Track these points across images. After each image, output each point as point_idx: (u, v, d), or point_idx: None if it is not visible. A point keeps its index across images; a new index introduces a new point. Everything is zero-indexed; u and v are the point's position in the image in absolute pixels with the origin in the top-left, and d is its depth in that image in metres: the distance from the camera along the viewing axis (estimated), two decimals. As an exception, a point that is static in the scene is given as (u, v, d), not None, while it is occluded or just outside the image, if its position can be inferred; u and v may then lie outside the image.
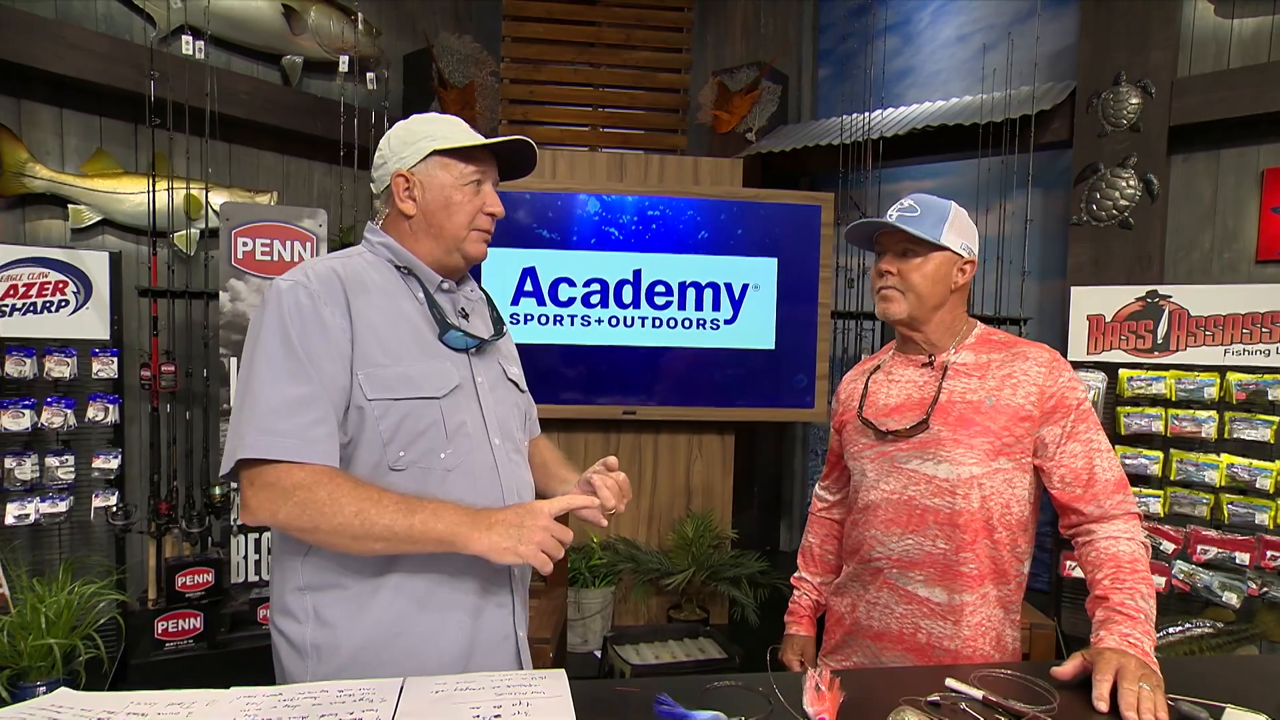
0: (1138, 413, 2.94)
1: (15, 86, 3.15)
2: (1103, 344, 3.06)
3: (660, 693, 0.97)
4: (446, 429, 1.17)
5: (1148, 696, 1.02)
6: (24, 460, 2.65)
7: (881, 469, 1.43)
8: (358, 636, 1.13)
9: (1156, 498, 2.90)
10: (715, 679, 1.10)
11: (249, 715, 0.96)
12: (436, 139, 1.21)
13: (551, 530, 1.08)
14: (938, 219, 1.38)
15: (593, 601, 3.11)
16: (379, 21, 4.19)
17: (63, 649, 2.50)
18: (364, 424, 1.13)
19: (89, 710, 0.97)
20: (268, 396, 1.07)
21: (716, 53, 4.81)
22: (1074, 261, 3.43)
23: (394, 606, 1.14)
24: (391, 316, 1.18)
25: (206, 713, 0.97)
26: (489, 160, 1.27)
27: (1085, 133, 3.40)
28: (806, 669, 1.03)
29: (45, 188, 3.18)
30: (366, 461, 1.14)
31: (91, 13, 3.35)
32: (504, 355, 1.36)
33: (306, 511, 1.04)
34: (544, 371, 3.20)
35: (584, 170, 3.38)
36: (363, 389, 1.12)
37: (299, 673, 1.15)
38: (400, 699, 1.01)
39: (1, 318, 2.65)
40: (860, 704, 1.03)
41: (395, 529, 1.05)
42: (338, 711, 0.97)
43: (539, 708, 0.99)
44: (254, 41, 3.73)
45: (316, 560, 1.14)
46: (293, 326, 1.09)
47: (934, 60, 4.21)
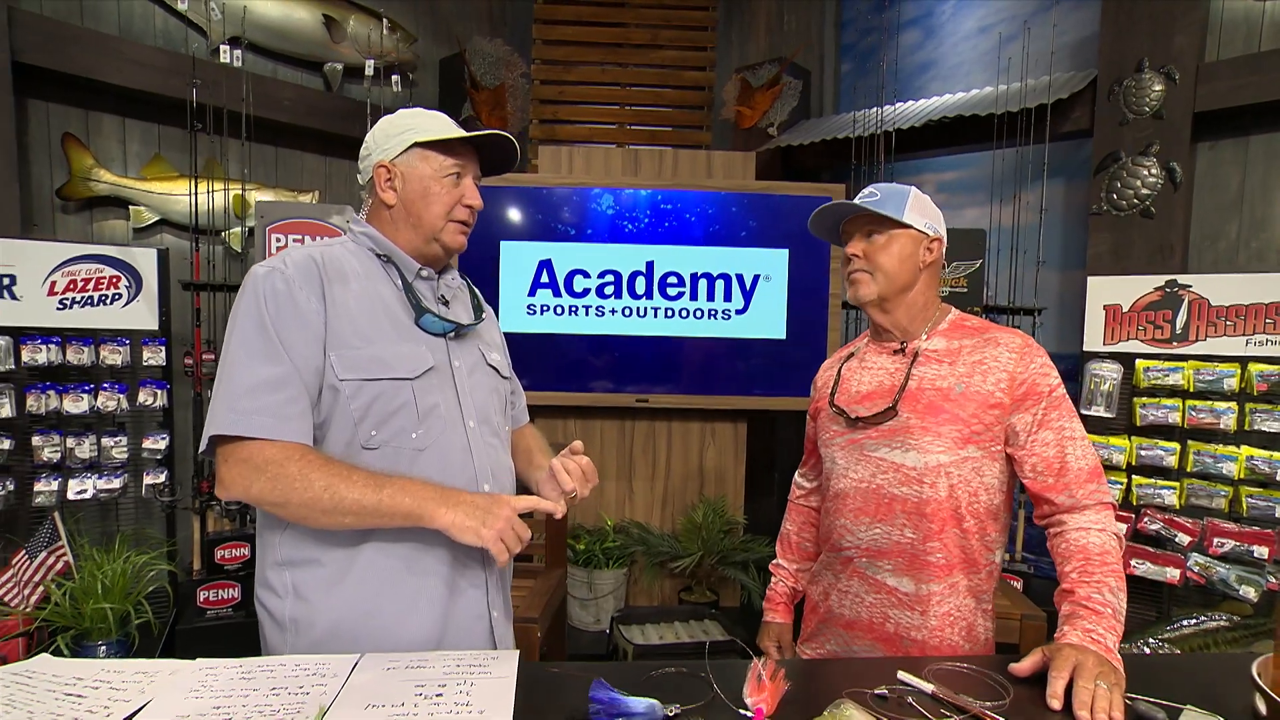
0: (1154, 404, 2.77)
1: (84, 98, 3.27)
2: (1119, 334, 2.89)
3: (599, 677, 0.94)
4: (419, 410, 1.16)
5: (1103, 695, 0.94)
6: (83, 440, 2.76)
7: (851, 457, 1.37)
8: (332, 612, 1.13)
9: (1172, 489, 2.73)
10: (695, 662, 1.07)
11: (206, 686, 0.96)
12: (418, 131, 1.21)
13: (514, 524, 1.07)
14: (899, 201, 1.33)
15: (605, 582, 3.09)
16: (415, 28, 4.22)
17: (117, 613, 2.60)
18: (336, 403, 1.12)
19: (59, 676, 0.98)
20: (242, 377, 1.07)
21: (741, 50, 4.71)
22: (1093, 251, 3.24)
23: (366, 584, 1.14)
24: (367, 302, 1.17)
25: (169, 682, 0.98)
26: (470, 154, 1.26)
27: (1106, 121, 3.20)
28: (750, 659, 0.98)
29: (109, 191, 3.29)
30: (339, 440, 1.13)
31: (151, 29, 3.46)
32: (485, 341, 1.34)
33: (278, 486, 1.04)
34: (559, 360, 3.19)
35: (599, 165, 3.35)
36: (334, 369, 1.11)
37: (279, 645, 1.15)
38: (352, 674, 1.00)
39: (63, 310, 2.75)
40: (807, 695, 0.98)
41: (364, 503, 1.04)
42: (289, 685, 0.97)
43: (481, 687, 0.97)
44: (298, 50, 3.79)
45: (294, 536, 1.14)
46: (268, 311, 1.09)
47: (956, 53, 4.03)
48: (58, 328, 2.74)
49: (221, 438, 1.06)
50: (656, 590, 3.30)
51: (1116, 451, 2.83)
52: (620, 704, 0.89)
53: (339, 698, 0.92)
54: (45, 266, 2.71)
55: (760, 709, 0.92)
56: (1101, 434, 2.89)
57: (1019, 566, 2.98)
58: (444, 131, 1.21)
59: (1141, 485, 2.79)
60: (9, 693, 0.91)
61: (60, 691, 0.92)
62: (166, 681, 0.97)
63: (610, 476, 3.34)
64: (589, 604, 3.07)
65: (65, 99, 3.22)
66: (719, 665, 1.03)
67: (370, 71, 3.42)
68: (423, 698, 0.93)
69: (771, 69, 4.28)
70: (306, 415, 1.09)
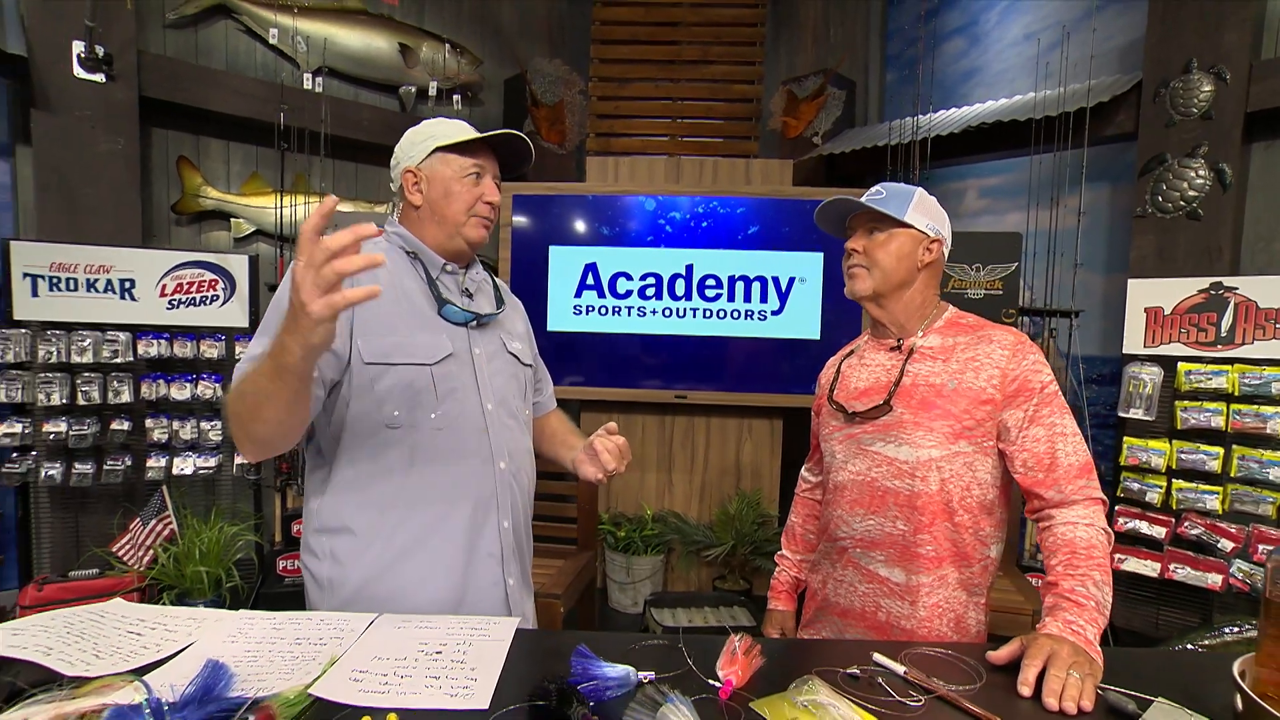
0: (1196, 407, 2.60)
1: (196, 125, 3.54)
2: (1160, 337, 2.72)
3: (581, 644, 0.96)
4: (437, 392, 1.21)
5: (1074, 684, 0.91)
6: (186, 423, 2.99)
7: (849, 450, 1.35)
8: (361, 575, 1.19)
9: (1215, 494, 2.56)
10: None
11: (243, 634, 1.04)
12: (439, 138, 1.26)
13: (318, 267, 0.86)
14: (903, 200, 1.30)
15: (642, 567, 3.11)
16: (482, 51, 4.35)
17: (212, 576, 2.80)
18: (363, 384, 1.17)
19: (126, 617, 1.08)
20: (253, 346, 1.13)
21: (789, 62, 4.66)
22: (1137, 254, 3.06)
23: (390, 552, 1.19)
24: (394, 294, 1.22)
25: (213, 628, 1.06)
26: (487, 155, 1.29)
27: (1151, 123, 3.02)
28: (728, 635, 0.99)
29: (214, 205, 3.54)
30: (366, 418, 1.18)
31: (253, 62, 3.70)
32: (506, 330, 1.38)
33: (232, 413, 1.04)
34: (603, 358, 3.23)
35: (643, 174, 3.38)
36: (360, 354, 1.17)
37: (318, 601, 1.23)
38: (367, 630, 1.06)
39: (172, 310, 2.98)
40: (781, 672, 0.97)
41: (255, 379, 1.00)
42: (311, 637, 1.04)
43: (478, 648, 1.01)
44: (376, 76, 3.98)
45: (331, 506, 1.21)
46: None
47: (1000, 59, 3.87)
48: (167, 325, 2.97)
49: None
50: (692, 577, 3.30)
51: (1156, 455, 2.66)
52: (597, 669, 0.90)
53: (350, 650, 0.98)
54: (158, 272, 2.95)
55: (730, 681, 0.92)
56: (1141, 437, 2.73)
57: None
58: (461, 135, 1.26)
59: (1182, 489, 2.62)
60: (82, 626, 1.01)
61: (124, 629, 1.01)
62: (211, 627, 1.06)
63: (651, 468, 3.37)
64: (627, 587, 3.11)
65: (180, 126, 3.50)
66: (702, 641, 1.04)
67: (433, 92, 3.56)
68: (423, 654, 0.98)
69: (816, 80, 4.23)
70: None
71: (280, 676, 0.89)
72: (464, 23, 4.41)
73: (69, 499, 2.98)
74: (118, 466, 2.88)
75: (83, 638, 0.97)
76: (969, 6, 4.06)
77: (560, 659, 1.00)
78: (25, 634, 0.96)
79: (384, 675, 0.91)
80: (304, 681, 0.87)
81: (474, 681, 0.90)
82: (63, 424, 2.80)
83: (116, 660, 0.91)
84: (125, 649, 0.94)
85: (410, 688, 0.88)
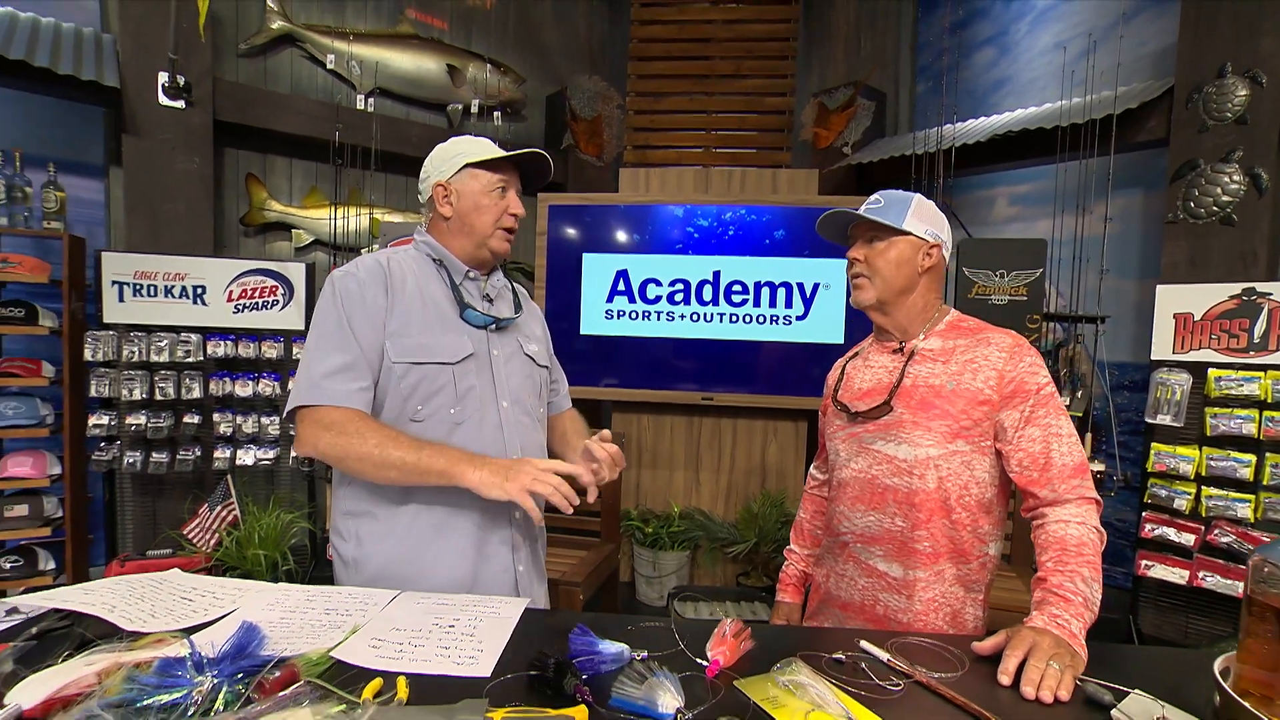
0: (1226, 414, 2.49)
1: (262, 144, 3.73)
2: (1190, 343, 2.62)
3: (581, 624, 1.00)
4: (457, 390, 1.27)
5: (1053, 674, 0.91)
6: (248, 418, 3.15)
7: (851, 449, 1.36)
8: (381, 556, 1.26)
9: (1247, 502, 2.45)
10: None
11: (280, 603, 1.11)
12: (467, 155, 1.31)
13: (538, 479, 1.12)
14: (901, 208, 1.30)
15: (668, 562, 3.14)
16: (526, 70, 4.47)
17: (270, 559, 2.93)
18: (390, 381, 1.24)
19: (182, 584, 1.17)
20: (319, 361, 1.21)
21: (821, 75, 4.63)
22: (1168, 260, 2.95)
23: (409, 536, 1.25)
24: (420, 298, 1.29)
25: (255, 597, 1.14)
26: (511, 171, 1.35)
27: (1183, 129, 2.92)
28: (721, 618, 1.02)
29: (278, 218, 3.73)
30: (391, 412, 1.25)
31: (314, 85, 3.88)
32: (524, 334, 1.42)
33: (340, 441, 1.17)
34: (633, 361, 3.28)
35: (673, 184, 3.42)
36: (389, 354, 1.23)
37: (344, 578, 1.30)
38: (389, 605, 1.12)
39: (237, 314, 3.15)
40: (770, 655, 0.99)
41: (406, 460, 1.15)
42: (338, 608, 1.11)
43: (488, 624, 1.06)
44: (426, 95, 4.13)
45: (355, 492, 1.28)
46: (343, 306, 1.23)
47: (1030, 68, 3.79)
48: (232, 327, 3.14)
49: (301, 406, 1.21)
50: (718, 573, 3.31)
51: (1184, 462, 2.57)
52: (593, 645, 0.94)
53: (372, 621, 1.04)
54: (225, 279, 3.13)
55: (718, 661, 0.94)
56: (1170, 443, 2.63)
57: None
58: (489, 153, 1.32)
59: (1212, 497, 2.51)
60: (143, 590, 1.10)
61: (178, 595, 1.10)
62: (253, 597, 1.13)
63: (679, 467, 3.39)
64: (654, 581, 3.14)
65: (249, 145, 3.69)
66: (698, 624, 1.07)
67: (474, 109, 3.67)
68: (437, 626, 1.03)
69: (846, 92, 4.19)
70: (368, 391, 1.22)
71: (307, 640, 0.95)
72: (510, 44, 4.53)
73: (148, 485, 3.17)
74: (189, 456, 3.06)
75: (142, 600, 1.06)
76: (1000, 17, 3.98)
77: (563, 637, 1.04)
78: (95, 594, 1.06)
79: (399, 644, 0.96)
80: (327, 645, 0.93)
81: (480, 653, 0.95)
82: (142, 417, 2.99)
83: (169, 620, 0.99)
84: (177, 611, 1.03)
85: (422, 655, 0.93)
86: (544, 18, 4.69)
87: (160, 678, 0.80)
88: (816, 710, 0.84)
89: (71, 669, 0.82)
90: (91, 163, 3.29)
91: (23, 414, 2.89)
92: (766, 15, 4.07)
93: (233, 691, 0.80)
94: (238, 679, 0.82)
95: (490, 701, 0.80)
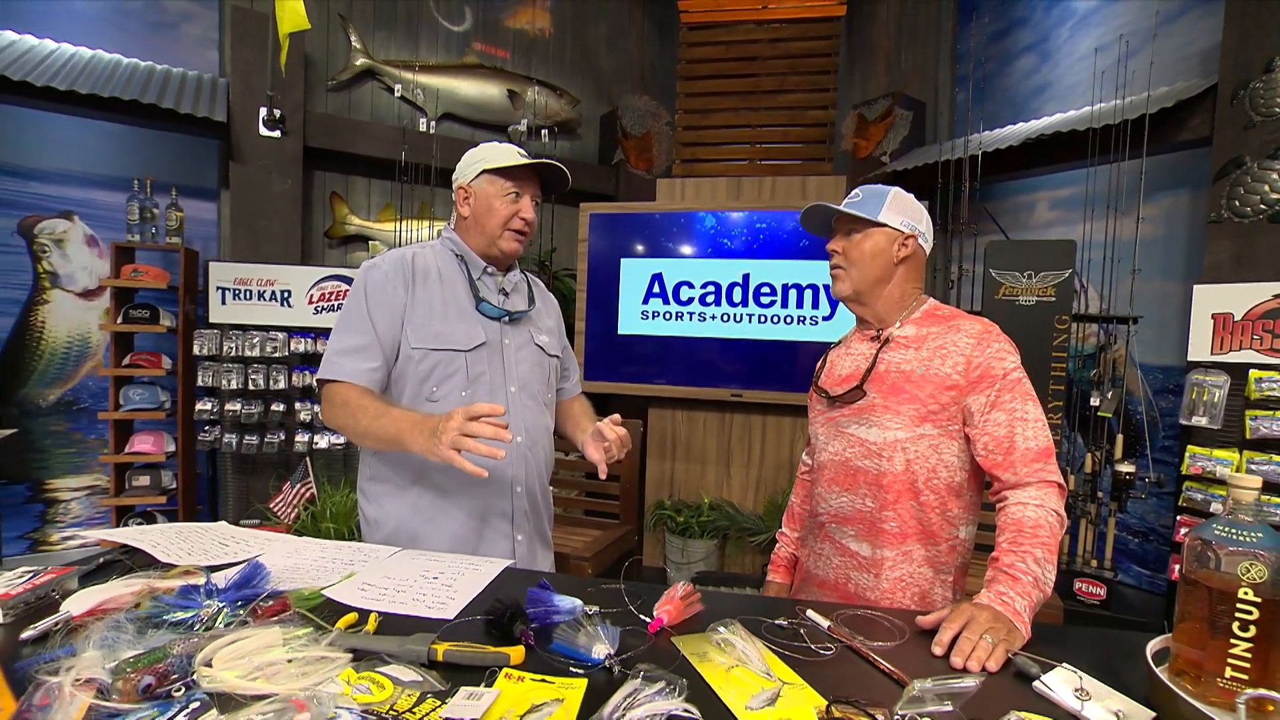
0: (1268, 416, 2.28)
1: (344, 166, 4.00)
2: (1230, 344, 2.42)
3: (544, 580, 1.02)
4: (468, 375, 1.33)
5: (984, 646, 0.89)
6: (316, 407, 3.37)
7: (829, 433, 1.35)
8: (396, 518, 1.34)
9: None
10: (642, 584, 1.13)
11: (299, 552, 1.21)
12: (487, 161, 1.37)
13: (462, 429, 1.08)
14: (878, 201, 1.28)
15: (697, 550, 3.14)
16: (581, 93, 4.59)
17: (338, 532, 3.12)
18: (409, 364, 1.32)
19: (223, 533, 1.29)
20: (338, 340, 1.31)
21: (863, 88, 4.54)
22: (1211, 260, 2.72)
23: (418, 503, 1.33)
24: (440, 290, 1.36)
25: (279, 546, 1.24)
26: (529, 179, 1.40)
27: (1228, 126, 2.69)
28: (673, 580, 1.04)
29: (356, 231, 3.98)
30: (410, 392, 1.33)
31: (391, 113, 4.13)
32: (536, 325, 1.47)
33: (339, 415, 1.27)
34: (667, 359, 3.30)
35: (707, 192, 3.43)
36: (410, 339, 1.31)
37: (367, 536, 1.39)
38: (388, 559, 1.20)
39: (316, 315, 3.39)
40: (716, 617, 0.98)
41: (371, 429, 1.22)
42: (343, 558, 1.19)
43: (467, 578, 1.12)
44: (489, 118, 4.31)
45: (376, 460, 1.37)
46: (367, 295, 1.32)
47: (1071, 73, 3.58)
48: (312, 326, 3.38)
49: (323, 381, 1.31)
50: (745, 562, 3.28)
51: (1222, 465, 2.36)
52: (549, 599, 0.97)
53: (366, 569, 1.12)
54: (307, 284, 3.37)
55: (661, 619, 0.96)
56: (1206, 446, 2.43)
57: (1104, 573, 2.58)
58: (506, 161, 1.36)
59: (1252, 503, 2.30)
60: (188, 534, 1.22)
61: (217, 541, 1.22)
62: (278, 545, 1.24)
63: (711, 461, 3.39)
64: (682, 567, 3.14)
65: (333, 167, 3.96)
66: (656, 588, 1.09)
67: (523, 127, 3.81)
68: (422, 578, 1.10)
69: (884, 103, 4.10)
70: (377, 371, 1.30)
71: (307, 581, 1.04)
72: (567, 69, 4.67)
73: (243, 464, 3.45)
74: (275, 440, 3.31)
75: (186, 541, 1.18)
76: (1040, 24, 3.79)
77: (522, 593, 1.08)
78: (149, 534, 1.19)
79: (384, 589, 1.04)
80: (322, 585, 1.02)
81: (451, 600, 1.01)
82: (238, 404, 3.26)
83: (201, 558, 1.10)
84: (211, 552, 1.14)
85: (400, 599, 1.00)
86: (599, 43, 4.80)
87: (178, 600, 0.90)
88: (740, 665, 0.85)
89: (114, 588, 0.94)
90: (207, 187, 3.62)
91: (147, 399, 3.20)
92: (810, 33, 4.02)
93: (233, 614, 0.89)
94: (238, 605, 0.91)
95: (440, 636, 0.85)
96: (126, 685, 0.71)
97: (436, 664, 0.81)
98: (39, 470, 3.31)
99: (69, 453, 3.38)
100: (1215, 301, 2.45)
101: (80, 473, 3.39)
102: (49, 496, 3.32)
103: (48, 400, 3.32)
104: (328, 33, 3.92)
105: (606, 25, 4.83)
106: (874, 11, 4.38)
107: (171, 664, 0.75)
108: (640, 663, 0.82)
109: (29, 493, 3.28)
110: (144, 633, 0.82)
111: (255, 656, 0.76)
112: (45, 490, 3.32)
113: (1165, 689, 0.75)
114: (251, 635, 0.79)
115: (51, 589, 0.96)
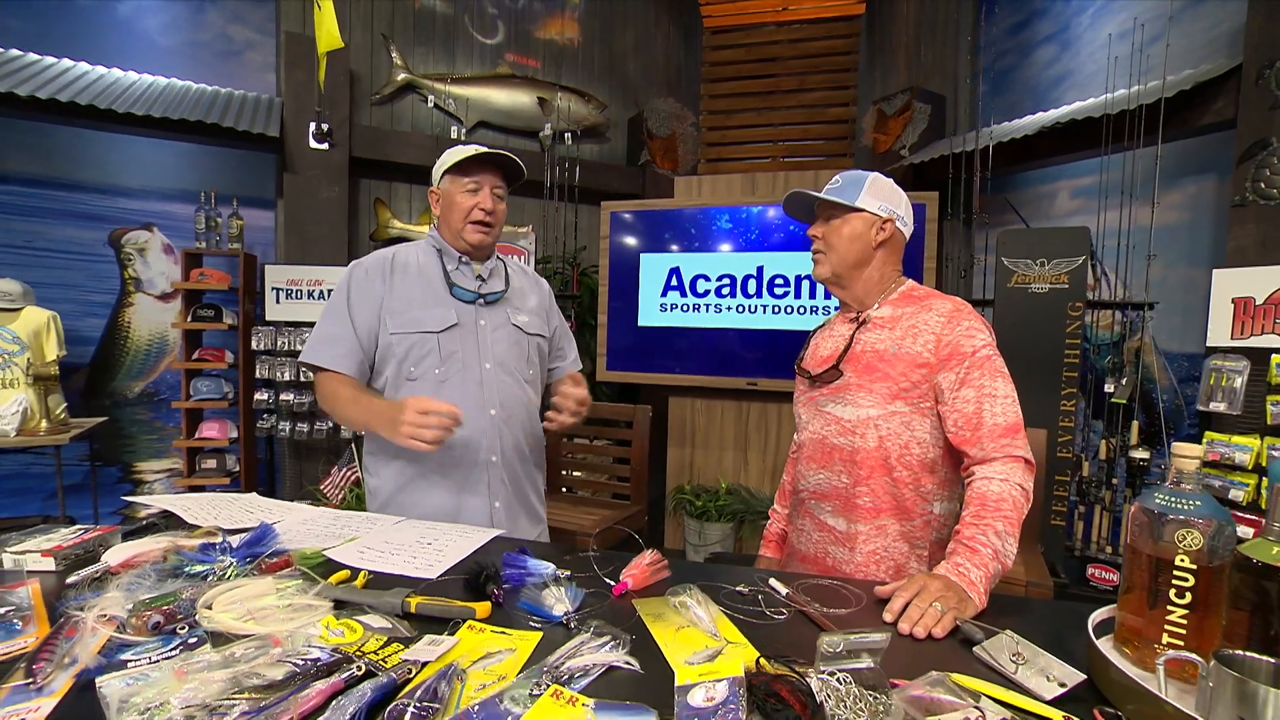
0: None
1: (387, 173, 4.14)
2: (1251, 328, 2.28)
3: (524, 547, 1.06)
4: (441, 354, 1.39)
5: (932, 614, 0.88)
6: (370, 396, 3.51)
7: (810, 412, 1.35)
8: (389, 487, 1.42)
9: (1313, 498, 2.09)
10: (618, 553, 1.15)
11: (313, 520, 1.28)
12: (446, 164, 1.43)
13: (415, 421, 1.19)
14: (856, 187, 1.27)
15: (713, 533, 3.14)
16: (609, 98, 4.62)
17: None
18: (390, 347, 1.39)
19: (251, 503, 1.37)
20: (320, 329, 1.40)
21: (883, 84, 4.43)
22: (1234, 244, 2.57)
23: (405, 474, 1.40)
24: (419, 280, 1.42)
25: (296, 514, 1.31)
26: (488, 172, 1.42)
27: (1253, 107, 2.53)
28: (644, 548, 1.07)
29: (398, 234, 4.11)
30: (391, 371, 1.40)
31: (430, 123, 4.24)
32: (514, 306, 1.50)
33: (326, 403, 1.40)
34: (684, 349, 3.30)
35: (723, 188, 3.41)
36: (388, 326, 1.38)
37: (369, 506, 1.45)
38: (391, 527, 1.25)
39: (363, 311, 3.52)
40: (681, 583, 0.98)
41: (350, 416, 1.35)
42: (350, 525, 1.26)
43: (457, 544, 1.16)
44: (520, 125, 4.38)
45: (375, 438, 1.43)
46: (350, 289, 1.40)
47: (1093, 61, 3.41)
48: (358, 322, 3.51)
49: (308, 365, 1.40)
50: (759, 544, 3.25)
51: (1241, 451, 2.23)
52: (524, 563, 1.00)
53: (368, 535, 1.18)
54: (353, 283, 3.50)
55: (625, 583, 0.99)
56: (1225, 432, 2.30)
57: (1118, 560, 2.47)
58: (459, 157, 1.40)
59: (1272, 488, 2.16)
60: (220, 502, 1.31)
61: (244, 509, 1.30)
62: (296, 513, 1.32)
63: (729, 447, 3.38)
64: (699, 549, 3.15)
65: (376, 175, 4.11)
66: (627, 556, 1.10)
67: (548, 131, 3.86)
68: (418, 543, 1.15)
69: (903, 98, 4.00)
70: (351, 357, 1.38)
71: (314, 544, 1.11)
72: (596, 75, 4.71)
73: (297, 449, 3.62)
74: (323, 427, 3.46)
75: (215, 508, 1.26)
76: (1060, 14, 3.62)
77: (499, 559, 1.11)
78: (183, 500, 1.28)
79: (381, 552, 1.10)
80: (325, 546, 1.08)
81: (438, 562, 1.06)
82: (291, 394, 3.42)
83: (225, 522, 1.18)
84: (235, 518, 1.22)
85: (392, 561, 1.06)
86: (625, 50, 4.82)
87: (197, 554, 0.98)
88: (690, 626, 0.87)
89: (146, 544, 1.02)
90: (265, 197, 3.80)
91: (213, 390, 3.40)
92: (829, 33, 3.95)
93: (242, 569, 0.96)
94: (248, 561, 0.98)
95: (417, 591, 0.90)
96: (139, 622, 0.78)
97: (409, 615, 0.86)
98: (128, 454, 3.55)
99: (151, 439, 3.62)
100: (1237, 285, 2.32)
101: (161, 457, 3.62)
102: (136, 478, 3.56)
103: (134, 392, 3.55)
104: (371, 51, 4.06)
105: (633, 33, 4.84)
106: (893, 8, 4.28)
107: (179, 606, 0.82)
108: (595, 619, 0.85)
109: (120, 474, 3.53)
110: (163, 580, 0.90)
111: (249, 602, 0.82)
112: (133, 472, 3.56)
113: (1099, 656, 0.74)
114: (248, 584, 0.85)
115: (98, 543, 1.05)
